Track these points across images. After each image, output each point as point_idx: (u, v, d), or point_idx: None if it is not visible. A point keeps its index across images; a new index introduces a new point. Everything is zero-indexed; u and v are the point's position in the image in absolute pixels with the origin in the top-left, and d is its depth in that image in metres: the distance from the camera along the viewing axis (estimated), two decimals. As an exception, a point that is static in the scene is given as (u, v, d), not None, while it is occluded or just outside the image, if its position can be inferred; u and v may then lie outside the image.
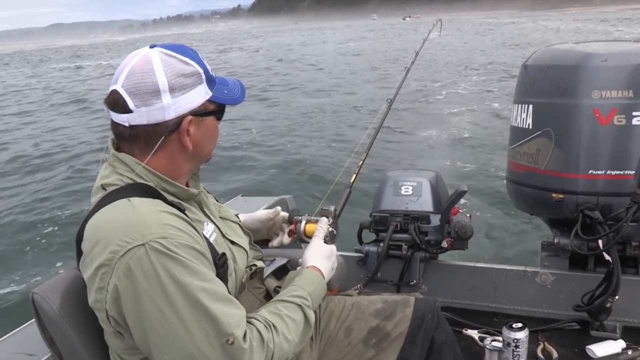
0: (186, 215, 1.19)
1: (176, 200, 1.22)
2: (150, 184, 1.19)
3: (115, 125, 1.18)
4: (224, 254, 1.26)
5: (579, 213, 1.97)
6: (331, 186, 1.89)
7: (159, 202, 1.15)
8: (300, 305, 1.25)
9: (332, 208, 1.64)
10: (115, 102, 1.15)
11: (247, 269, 1.44)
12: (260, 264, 1.51)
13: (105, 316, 1.12)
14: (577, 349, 2.00)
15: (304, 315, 1.25)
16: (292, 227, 1.69)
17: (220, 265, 1.21)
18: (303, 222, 1.65)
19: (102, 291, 1.08)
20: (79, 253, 1.18)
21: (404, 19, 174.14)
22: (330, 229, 1.56)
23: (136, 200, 1.12)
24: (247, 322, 1.14)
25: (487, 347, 1.94)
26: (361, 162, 1.91)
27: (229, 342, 1.06)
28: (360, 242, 2.40)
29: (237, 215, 1.60)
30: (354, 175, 1.86)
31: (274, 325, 1.17)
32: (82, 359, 1.33)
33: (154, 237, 1.05)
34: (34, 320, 1.40)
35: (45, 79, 28.78)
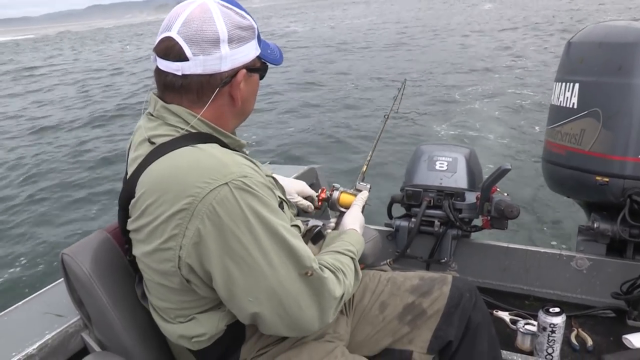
0: None
1: None
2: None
3: (163, 75, 1.12)
4: (281, 202, 1.26)
5: (626, 198, 1.89)
6: (364, 166, 1.83)
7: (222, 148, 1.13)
8: (353, 259, 1.28)
9: (368, 185, 1.68)
10: (170, 50, 1.09)
11: None
12: (299, 222, 1.48)
13: (176, 265, 1.05)
14: (613, 338, 1.94)
15: (355, 268, 1.28)
16: (321, 195, 1.67)
17: None
18: (339, 191, 1.66)
19: (176, 238, 1.02)
20: (124, 213, 1.12)
21: None
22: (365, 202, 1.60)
23: (203, 146, 1.09)
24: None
25: (521, 330, 1.88)
26: (365, 168, 1.82)
27: (308, 274, 1.08)
28: (390, 216, 2.35)
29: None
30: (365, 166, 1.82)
31: (341, 269, 1.20)
32: (110, 322, 1.29)
33: (235, 176, 1.02)
34: (62, 279, 1.37)
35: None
